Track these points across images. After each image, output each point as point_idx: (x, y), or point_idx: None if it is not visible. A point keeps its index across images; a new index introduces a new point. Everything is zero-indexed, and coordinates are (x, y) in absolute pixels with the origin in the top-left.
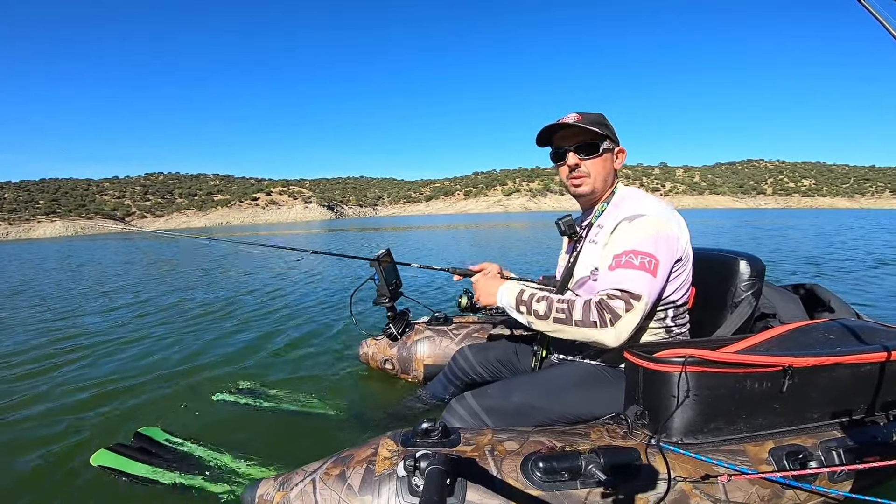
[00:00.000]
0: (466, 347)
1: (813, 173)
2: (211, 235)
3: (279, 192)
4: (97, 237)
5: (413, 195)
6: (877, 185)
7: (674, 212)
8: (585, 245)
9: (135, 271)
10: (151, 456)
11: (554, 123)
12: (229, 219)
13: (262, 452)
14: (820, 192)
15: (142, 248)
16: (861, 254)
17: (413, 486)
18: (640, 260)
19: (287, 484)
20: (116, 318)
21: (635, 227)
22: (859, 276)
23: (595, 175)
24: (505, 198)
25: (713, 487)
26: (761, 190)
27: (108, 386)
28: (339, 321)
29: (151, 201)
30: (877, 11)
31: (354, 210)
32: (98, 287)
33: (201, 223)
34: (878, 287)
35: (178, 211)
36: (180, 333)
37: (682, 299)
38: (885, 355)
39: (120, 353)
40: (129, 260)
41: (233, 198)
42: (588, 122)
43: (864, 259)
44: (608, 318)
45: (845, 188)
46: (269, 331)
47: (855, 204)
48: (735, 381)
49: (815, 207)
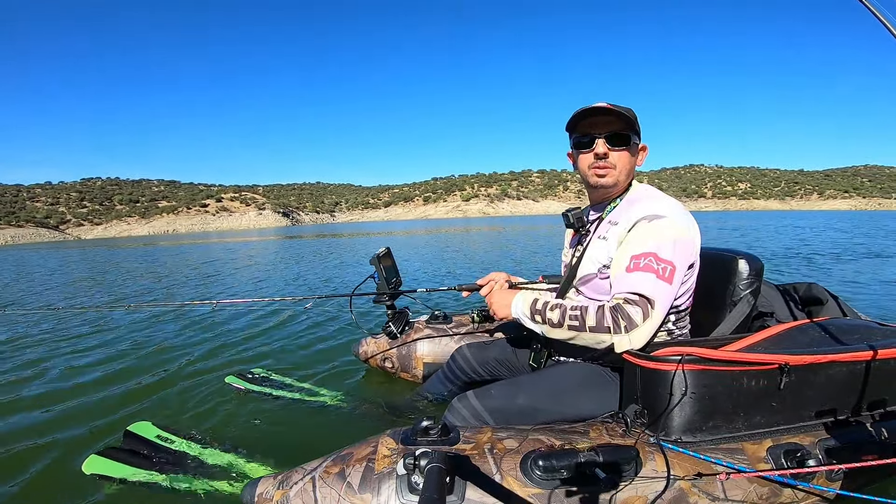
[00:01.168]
0: (465, 346)
1: (748, 177)
2: (213, 302)
3: (230, 198)
4: (26, 247)
5: (372, 201)
6: (805, 188)
7: (689, 214)
8: (593, 240)
9: (111, 277)
10: (144, 458)
11: (589, 107)
12: (176, 226)
13: (261, 450)
14: (755, 196)
15: (90, 258)
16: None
17: (413, 484)
18: (659, 266)
19: (287, 482)
20: (107, 318)
21: (655, 230)
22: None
23: (621, 168)
24: (464, 203)
25: (712, 486)
26: (702, 193)
27: (93, 385)
28: (339, 319)
29: (88, 208)
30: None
31: (311, 217)
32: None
33: (144, 231)
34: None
35: (119, 218)
36: (170, 329)
37: (685, 303)
38: (879, 353)
39: (111, 349)
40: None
41: (179, 204)
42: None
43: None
44: (623, 324)
45: (777, 191)
46: (267, 328)
47: (786, 206)
48: (732, 379)
49: (750, 210)
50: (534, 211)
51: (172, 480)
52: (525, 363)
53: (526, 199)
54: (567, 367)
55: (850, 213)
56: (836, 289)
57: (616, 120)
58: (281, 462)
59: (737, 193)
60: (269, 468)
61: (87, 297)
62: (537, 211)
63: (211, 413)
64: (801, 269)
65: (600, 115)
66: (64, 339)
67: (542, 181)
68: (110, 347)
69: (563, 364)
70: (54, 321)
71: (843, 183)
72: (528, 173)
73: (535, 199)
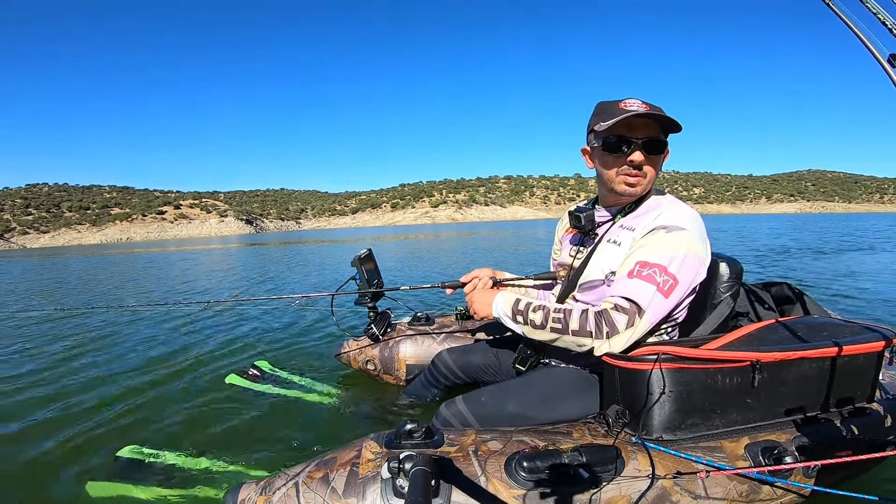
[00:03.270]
0: (446, 351)
1: (702, 182)
2: (205, 301)
3: (190, 205)
4: None
5: (339, 208)
6: (754, 192)
7: (705, 229)
8: (603, 244)
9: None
10: (139, 480)
11: (635, 112)
12: (130, 234)
13: (243, 456)
14: (708, 200)
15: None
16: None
17: (398, 488)
18: (663, 279)
19: (269, 488)
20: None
21: (672, 241)
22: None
23: (650, 177)
24: (432, 209)
25: (693, 484)
26: None
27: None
28: (320, 322)
29: (34, 215)
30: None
31: (276, 224)
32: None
33: (96, 239)
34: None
35: (68, 226)
36: (147, 337)
37: (682, 317)
38: (844, 350)
39: (83, 360)
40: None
41: (134, 211)
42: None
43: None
44: (606, 330)
45: (728, 195)
46: (246, 332)
47: (737, 210)
48: (707, 376)
49: (704, 213)
50: (501, 217)
51: (155, 493)
52: (508, 366)
53: (493, 205)
54: (555, 372)
55: (795, 215)
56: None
57: (654, 124)
58: (263, 467)
59: (692, 198)
60: (250, 474)
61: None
62: (505, 217)
63: (191, 421)
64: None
65: (643, 117)
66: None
67: (508, 187)
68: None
69: (550, 368)
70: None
71: (788, 187)
72: (495, 179)
73: (502, 204)
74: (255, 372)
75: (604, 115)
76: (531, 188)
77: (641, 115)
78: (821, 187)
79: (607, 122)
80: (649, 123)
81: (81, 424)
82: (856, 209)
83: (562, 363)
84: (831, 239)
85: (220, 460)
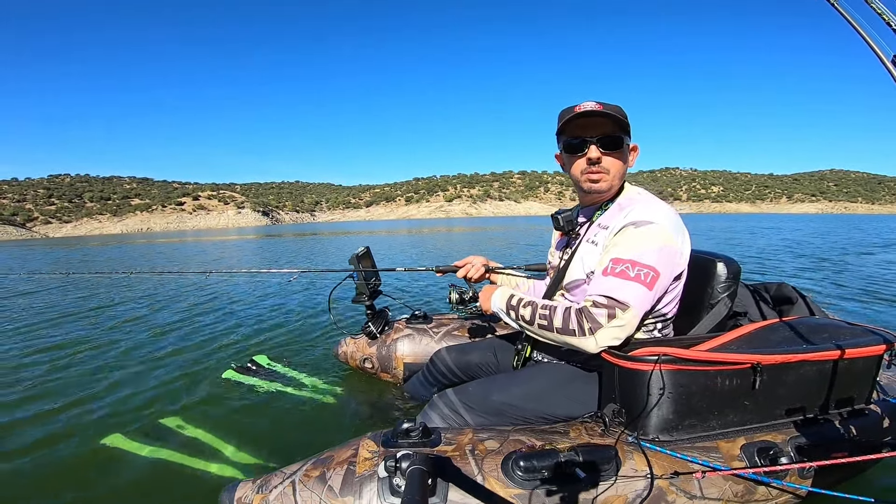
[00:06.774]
0: (444, 350)
1: (721, 181)
2: (208, 271)
3: (208, 196)
4: None
5: (353, 201)
6: (775, 192)
7: (681, 222)
8: (583, 245)
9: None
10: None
11: (579, 110)
12: (150, 225)
13: (240, 454)
14: (727, 199)
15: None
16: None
17: (395, 487)
18: (638, 271)
19: (266, 486)
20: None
21: (641, 236)
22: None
23: (614, 173)
24: (446, 203)
25: (689, 484)
26: (677, 196)
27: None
28: (318, 320)
29: (57, 205)
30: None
31: (291, 216)
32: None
33: (117, 229)
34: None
35: (89, 216)
36: (147, 335)
37: (671, 311)
38: (847, 353)
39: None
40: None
41: (154, 202)
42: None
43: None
44: (587, 327)
45: (748, 194)
46: (245, 326)
47: (756, 209)
48: (707, 378)
49: (723, 212)
50: (515, 212)
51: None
52: (506, 362)
53: (508, 200)
54: (545, 367)
55: (818, 216)
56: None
57: (607, 121)
58: (259, 466)
59: (710, 196)
60: (246, 472)
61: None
62: (519, 212)
63: (189, 418)
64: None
65: (591, 117)
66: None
67: (523, 182)
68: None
69: (542, 364)
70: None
71: (810, 187)
72: (509, 174)
73: (516, 199)
74: (253, 367)
75: (561, 119)
76: (545, 184)
77: (587, 114)
78: (843, 187)
79: (560, 125)
80: (603, 122)
81: (70, 413)
82: (879, 210)
83: (554, 359)
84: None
85: (215, 457)
